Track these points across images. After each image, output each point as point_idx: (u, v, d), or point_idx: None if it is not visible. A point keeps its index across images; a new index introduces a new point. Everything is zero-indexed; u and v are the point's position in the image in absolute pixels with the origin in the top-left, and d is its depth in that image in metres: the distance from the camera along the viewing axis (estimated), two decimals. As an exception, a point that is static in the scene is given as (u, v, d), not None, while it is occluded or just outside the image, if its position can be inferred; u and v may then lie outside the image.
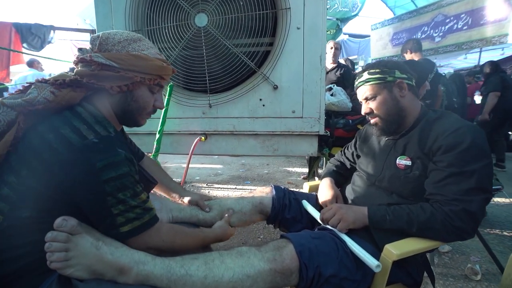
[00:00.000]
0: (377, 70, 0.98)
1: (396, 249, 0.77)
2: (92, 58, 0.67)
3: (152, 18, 1.65)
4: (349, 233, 0.87)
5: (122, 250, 0.64)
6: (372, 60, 7.34)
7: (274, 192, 1.08)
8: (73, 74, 0.69)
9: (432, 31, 6.20)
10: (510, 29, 4.90)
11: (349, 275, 0.78)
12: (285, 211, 1.04)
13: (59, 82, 0.65)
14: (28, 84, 0.66)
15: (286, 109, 1.59)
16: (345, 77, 2.72)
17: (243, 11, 1.53)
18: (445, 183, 0.81)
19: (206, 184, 3.04)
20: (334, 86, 1.99)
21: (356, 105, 1.83)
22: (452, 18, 5.85)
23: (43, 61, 3.76)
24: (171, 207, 0.98)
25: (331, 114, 1.85)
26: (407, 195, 0.91)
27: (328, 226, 0.90)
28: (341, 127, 1.81)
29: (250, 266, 0.71)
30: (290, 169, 3.65)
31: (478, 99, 4.78)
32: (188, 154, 1.69)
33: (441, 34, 6.02)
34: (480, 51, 5.70)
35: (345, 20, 6.63)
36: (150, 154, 1.56)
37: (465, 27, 5.60)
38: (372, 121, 1.03)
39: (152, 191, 0.95)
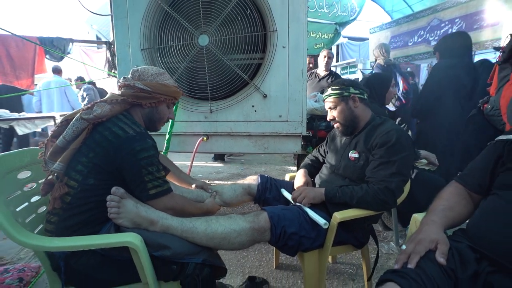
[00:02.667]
0: (337, 87, 1.34)
1: (339, 215, 1.12)
2: (135, 85, 1.05)
3: (162, 38, 2.02)
4: (312, 207, 1.22)
5: (152, 210, 1.01)
6: (370, 63, 7.65)
7: (259, 179, 1.44)
8: (120, 94, 1.06)
9: (428, 35, 6.48)
10: (503, 34, 5.19)
11: (307, 234, 1.13)
12: (267, 192, 1.40)
13: (114, 101, 1.02)
14: (91, 104, 1.02)
15: (274, 114, 1.95)
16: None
17: (239, 33, 1.90)
18: (377, 169, 1.17)
19: (208, 181, 3.41)
20: (318, 93, 2.34)
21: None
22: (447, 22, 6.13)
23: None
24: (182, 190, 1.35)
25: (315, 118, 2.20)
26: (355, 179, 1.27)
27: (297, 204, 1.26)
28: (323, 129, 2.16)
29: (236, 225, 1.07)
30: (285, 167, 4.00)
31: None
32: (192, 152, 2.06)
33: (436, 38, 6.29)
34: (474, 55, 5.98)
35: (343, 24, 6.94)
36: (161, 152, 1.93)
37: (459, 32, 5.87)
38: (335, 125, 1.39)
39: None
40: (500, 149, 0.90)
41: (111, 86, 5.19)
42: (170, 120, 1.96)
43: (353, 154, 1.29)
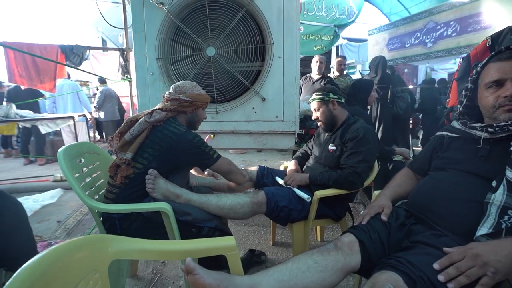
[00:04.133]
0: (320, 93, 1.71)
1: (319, 193, 1.50)
2: (180, 97, 1.44)
3: (175, 49, 2.40)
4: (299, 187, 1.59)
5: (177, 187, 1.39)
6: (369, 64, 7.99)
7: (258, 167, 1.82)
8: (170, 104, 1.44)
9: (424, 37, 6.83)
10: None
11: (294, 207, 1.51)
12: (264, 178, 1.79)
13: (168, 109, 1.41)
14: (151, 110, 1.41)
15: (272, 115, 2.33)
16: (328, 87, 3.47)
17: (241, 45, 2.27)
18: (348, 158, 1.54)
19: (212, 176, 3.79)
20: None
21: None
22: (442, 25, 6.47)
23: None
24: (198, 177, 1.73)
25: (307, 118, 2.58)
26: (333, 167, 1.65)
27: (288, 186, 1.64)
28: (314, 127, 2.54)
29: (240, 199, 1.45)
30: (284, 163, 4.38)
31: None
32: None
33: (432, 40, 6.65)
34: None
35: (342, 26, 7.27)
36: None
37: (454, 34, 6.22)
38: (319, 124, 1.77)
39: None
40: (436, 142, 1.28)
41: (118, 88, 5.57)
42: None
43: (331, 147, 1.67)
